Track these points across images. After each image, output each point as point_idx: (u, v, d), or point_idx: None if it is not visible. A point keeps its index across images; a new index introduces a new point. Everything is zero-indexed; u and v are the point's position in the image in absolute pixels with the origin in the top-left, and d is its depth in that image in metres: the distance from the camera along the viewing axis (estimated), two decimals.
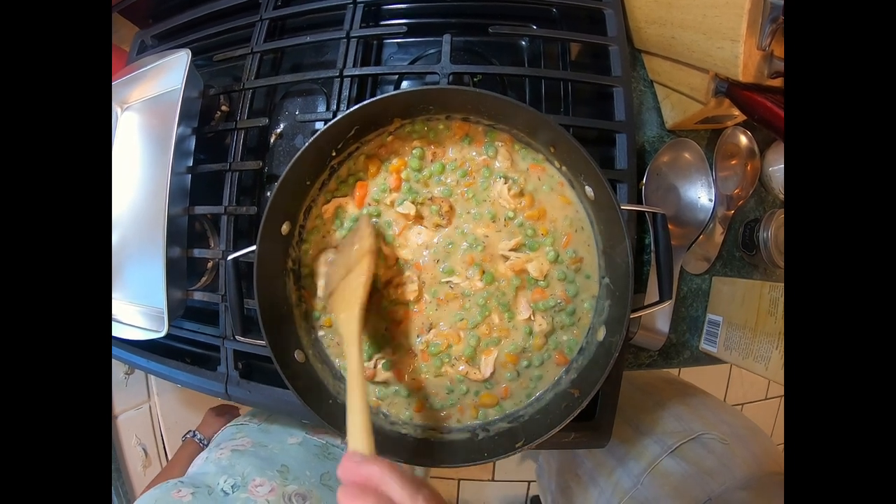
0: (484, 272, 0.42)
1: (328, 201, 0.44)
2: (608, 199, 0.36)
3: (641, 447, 0.61)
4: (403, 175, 0.43)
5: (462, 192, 0.43)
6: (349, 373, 0.35)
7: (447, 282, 0.43)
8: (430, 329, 0.43)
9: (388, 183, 0.43)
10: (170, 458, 0.93)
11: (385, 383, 0.43)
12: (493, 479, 1.40)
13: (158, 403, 0.95)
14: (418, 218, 0.43)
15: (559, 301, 0.42)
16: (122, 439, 0.88)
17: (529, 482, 1.38)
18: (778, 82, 0.40)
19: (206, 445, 0.72)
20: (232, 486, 0.49)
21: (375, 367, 0.43)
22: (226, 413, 0.78)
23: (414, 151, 0.43)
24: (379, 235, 0.43)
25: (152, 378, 0.94)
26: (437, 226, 0.43)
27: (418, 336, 0.43)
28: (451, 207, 0.43)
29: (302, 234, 0.44)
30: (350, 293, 0.38)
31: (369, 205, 0.44)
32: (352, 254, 0.40)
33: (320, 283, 0.43)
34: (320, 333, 0.44)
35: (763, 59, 0.39)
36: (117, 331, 0.51)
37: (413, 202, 0.43)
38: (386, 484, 0.26)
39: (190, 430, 0.75)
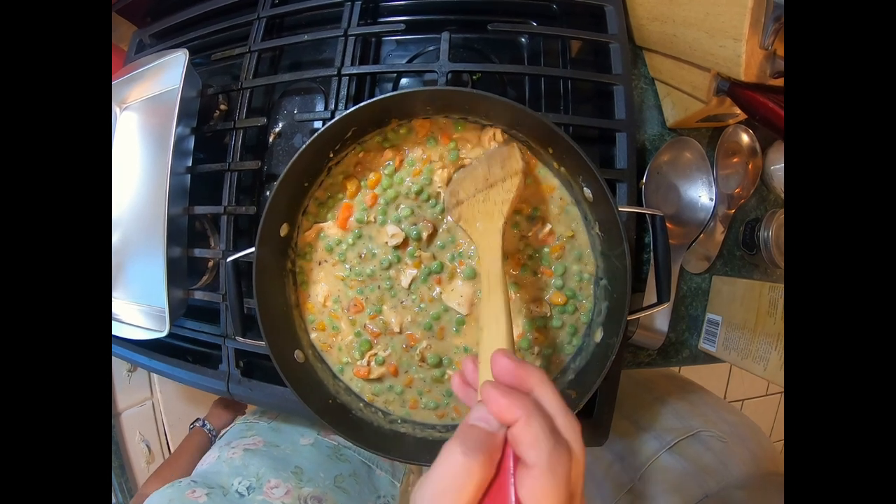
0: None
1: (310, 227, 0.43)
2: (606, 202, 0.36)
3: (640, 443, 0.61)
4: (377, 190, 0.42)
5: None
6: (490, 274, 0.33)
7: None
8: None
9: (365, 201, 0.43)
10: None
11: (380, 379, 0.43)
12: None
13: (161, 400, 0.96)
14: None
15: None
16: (126, 436, 0.89)
17: None
18: (780, 82, 0.39)
19: (215, 435, 0.73)
20: (247, 488, 0.49)
21: (369, 364, 0.43)
22: (233, 404, 0.78)
23: (388, 163, 0.42)
24: (530, 158, 0.42)
25: (154, 375, 0.95)
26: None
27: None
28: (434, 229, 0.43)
29: (300, 235, 0.44)
30: (492, 205, 0.38)
31: (354, 228, 0.43)
32: (495, 170, 0.39)
33: (446, 194, 0.42)
34: (313, 336, 0.44)
35: (765, 59, 0.38)
36: (119, 330, 0.51)
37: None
38: (541, 391, 0.24)
39: (198, 419, 0.74)
